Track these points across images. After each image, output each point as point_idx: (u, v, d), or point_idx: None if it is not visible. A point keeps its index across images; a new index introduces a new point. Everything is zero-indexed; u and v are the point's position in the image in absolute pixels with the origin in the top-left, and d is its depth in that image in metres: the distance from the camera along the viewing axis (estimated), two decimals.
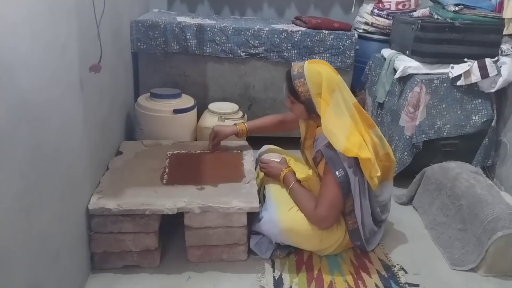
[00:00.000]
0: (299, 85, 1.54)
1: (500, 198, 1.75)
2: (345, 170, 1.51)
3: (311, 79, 1.53)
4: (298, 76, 1.55)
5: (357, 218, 1.61)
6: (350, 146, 1.49)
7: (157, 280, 1.55)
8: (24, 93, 1.02)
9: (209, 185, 1.67)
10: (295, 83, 1.55)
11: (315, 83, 1.53)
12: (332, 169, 1.52)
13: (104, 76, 1.66)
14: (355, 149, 1.49)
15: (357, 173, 1.54)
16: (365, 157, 1.50)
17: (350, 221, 1.63)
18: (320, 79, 1.53)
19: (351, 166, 1.52)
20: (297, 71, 1.56)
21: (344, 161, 1.51)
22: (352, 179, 1.53)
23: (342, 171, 1.51)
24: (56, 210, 1.22)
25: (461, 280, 1.65)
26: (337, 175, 1.52)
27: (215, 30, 2.39)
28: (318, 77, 1.53)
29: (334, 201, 1.56)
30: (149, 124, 2.16)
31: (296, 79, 1.55)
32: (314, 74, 1.54)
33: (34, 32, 1.06)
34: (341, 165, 1.51)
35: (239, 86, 2.53)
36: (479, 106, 2.16)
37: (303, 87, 1.54)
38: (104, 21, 1.52)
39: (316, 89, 1.53)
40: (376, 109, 2.47)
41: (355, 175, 1.54)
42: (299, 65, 1.58)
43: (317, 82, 1.53)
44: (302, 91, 1.54)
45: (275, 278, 1.58)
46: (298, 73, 1.55)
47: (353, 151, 1.49)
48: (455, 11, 2.19)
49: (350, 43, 2.46)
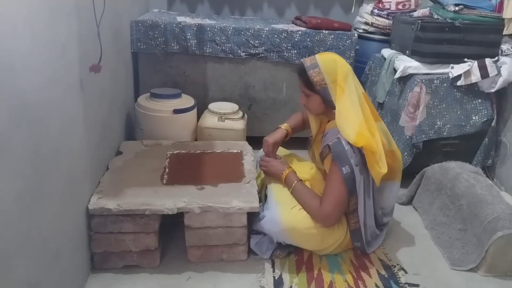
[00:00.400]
0: (314, 74, 1.56)
1: (500, 198, 1.75)
2: (352, 168, 1.51)
3: (326, 66, 1.56)
4: (312, 67, 1.57)
5: (359, 218, 1.61)
6: (363, 131, 1.50)
7: (157, 280, 1.55)
8: (24, 93, 1.02)
9: (209, 185, 1.67)
10: (310, 73, 1.56)
11: (331, 70, 1.55)
12: (339, 166, 1.52)
13: (104, 76, 1.66)
14: (367, 134, 1.50)
15: (363, 171, 1.54)
16: (373, 148, 1.50)
17: (353, 220, 1.63)
18: (335, 65, 1.56)
19: (357, 164, 1.52)
20: (310, 63, 1.58)
21: (351, 158, 1.51)
22: (358, 177, 1.53)
23: (349, 168, 1.51)
24: (56, 210, 1.22)
25: (461, 280, 1.65)
26: (343, 172, 1.51)
27: (215, 30, 2.39)
28: (333, 63, 1.56)
29: (340, 198, 1.56)
30: (149, 124, 2.16)
31: (310, 69, 1.56)
32: (328, 61, 1.57)
33: (34, 32, 1.06)
34: (348, 162, 1.51)
35: (239, 86, 2.53)
36: (479, 106, 2.16)
37: (319, 76, 1.55)
38: (104, 21, 1.52)
39: (332, 76, 1.55)
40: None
41: (360, 173, 1.54)
42: (310, 58, 1.61)
43: (332, 68, 1.56)
44: (317, 80, 1.56)
45: (275, 278, 1.58)
46: (312, 64, 1.57)
47: (365, 137, 1.49)
48: (455, 11, 2.19)
49: (350, 43, 2.45)
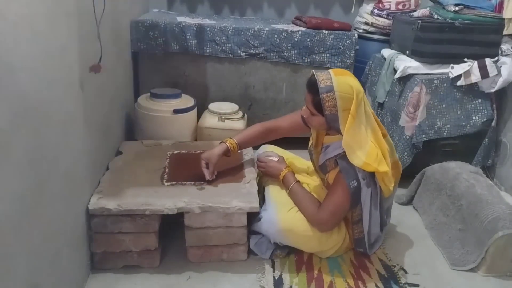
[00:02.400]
0: (328, 99, 1.44)
1: (500, 198, 1.75)
2: (359, 182, 1.50)
3: (342, 93, 1.44)
4: (326, 90, 1.44)
5: (363, 228, 1.61)
6: (370, 161, 1.45)
7: (157, 280, 1.55)
8: (24, 93, 1.02)
9: (209, 185, 1.68)
10: (323, 97, 1.44)
11: (346, 98, 1.44)
12: (346, 179, 1.50)
13: (104, 76, 1.66)
14: (375, 164, 1.46)
15: (370, 184, 1.52)
16: (383, 170, 1.47)
17: (357, 230, 1.62)
18: (351, 92, 1.45)
19: (365, 178, 1.51)
20: (324, 84, 1.44)
21: (359, 172, 1.49)
22: (364, 190, 1.52)
23: (356, 182, 1.50)
24: (56, 210, 1.22)
25: (461, 280, 1.65)
26: (350, 185, 1.49)
27: (215, 30, 2.39)
28: (350, 90, 1.45)
29: (339, 208, 1.55)
30: (149, 124, 2.16)
31: (324, 92, 1.44)
32: (345, 87, 1.45)
33: (34, 32, 1.06)
34: (355, 176, 1.49)
35: (239, 86, 2.52)
36: (479, 106, 2.16)
37: (331, 102, 1.44)
38: (104, 21, 1.52)
39: (346, 104, 1.44)
40: (376, 109, 2.47)
41: (367, 187, 1.52)
42: (325, 77, 1.47)
43: (348, 97, 1.44)
44: (329, 106, 1.44)
45: (275, 278, 1.58)
46: (327, 86, 1.44)
47: (372, 167, 1.46)
48: (455, 11, 2.19)
49: (350, 43, 2.45)
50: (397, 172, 1.70)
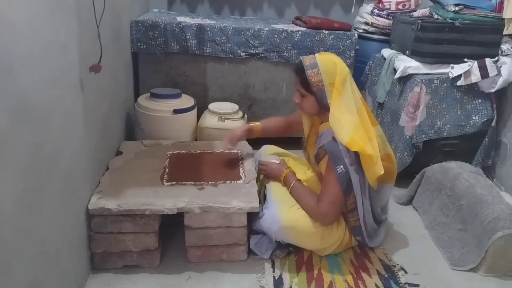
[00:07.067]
0: (313, 75, 1.53)
1: (500, 198, 1.75)
2: (346, 167, 1.51)
3: (325, 68, 1.53)
4: (311, 67, 1.54)
5: (359, 216, 1.61)
6: (356, 138, 1.48)
7: (157, 280, 1.55)
8: (24, 93, 1.02)
9: (209, 185, 1.68)
10: (308, 74, 1.54)
11: (330, 72, 1.53)
12: (333, 165, 1.52)
13: (104, 76, 1.66)
14: (360, 142, 1.48)
15: (358, 171, 1.54)
16: (369, 153, 1.49)
17: (352, 218, 1.62)
18: (334, 67, 1.53)
19: (352, 164, 1.52)
20: (309, 62, 1.55)
21: (346, 157, 1.51)
22: (354, 176, 1.53)
23: (343, 168, 1.51)
24: (56, 210, 1.22)
25: (461, 280, 1.65)
26: (337, 171, 1.51)
27: (215, 30, 2.39)
28: (333, 65, 1.54)
29: (336, 197, 1.56)
30: (149, 124, 2.16)
31: (309, 69, 1.54)
32: (328, 63, 1.54)
33: (34, 32, 1.06)
34: (342, 161, 1.51)
35: (239, 86, 2.53)
36: (479, 106, 2.16)
37: (317, 77, 1.53)
38: (104, 21, 1.52)
39: (330, 78, 1.53)
40: (376, 109, 2.47)
41: (356, 173, 1.53)
42: (309, 57, 1.58)
43: (332, 70, 1.53)
44: (315, 81, 1.53)
45: (275, 278, 1.58)
46: (311, 64, 1.55)
47: (358, 144, 1.48)
48: (455, 11, 2.19)
49: (350, 43, 2.45)
50: (390, 166, 1.70)
